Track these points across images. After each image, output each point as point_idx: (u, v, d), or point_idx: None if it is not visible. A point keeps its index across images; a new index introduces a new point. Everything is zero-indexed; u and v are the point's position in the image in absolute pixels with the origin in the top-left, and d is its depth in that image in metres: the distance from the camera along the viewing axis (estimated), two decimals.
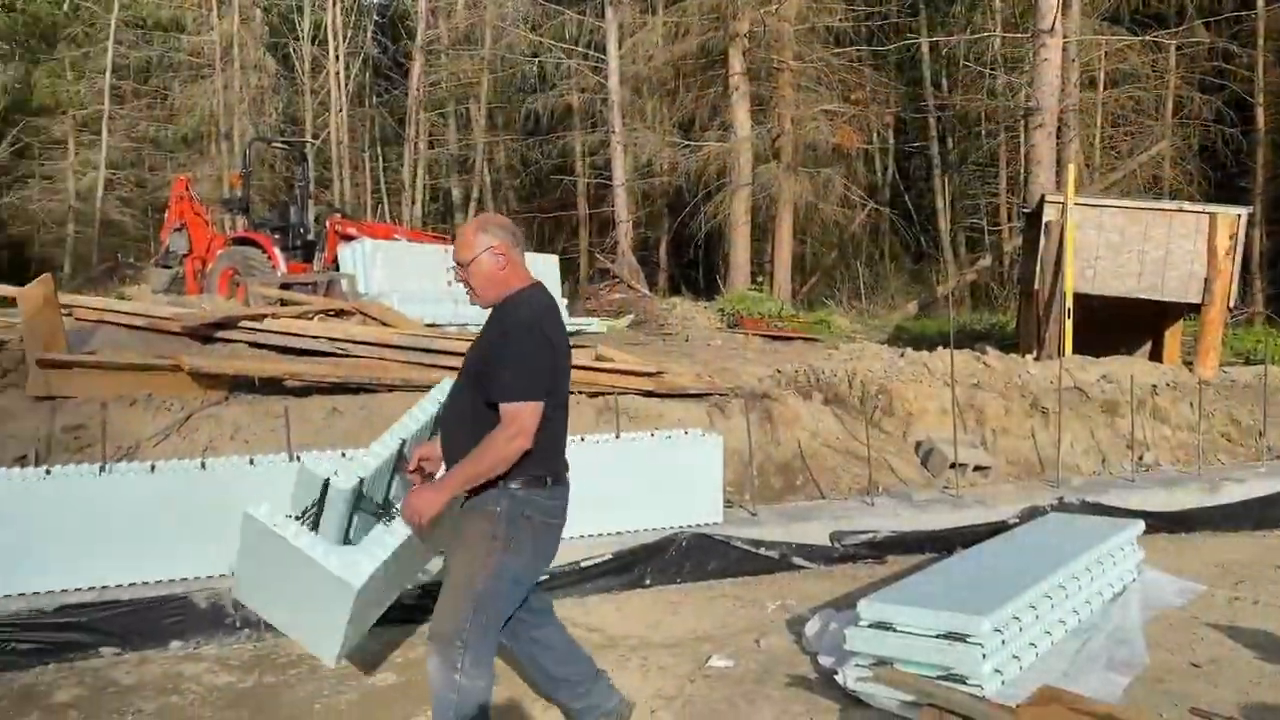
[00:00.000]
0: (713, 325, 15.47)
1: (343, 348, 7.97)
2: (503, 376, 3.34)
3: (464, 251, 3.48)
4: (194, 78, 30.55)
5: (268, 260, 13.63)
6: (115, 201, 31.06)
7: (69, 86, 31.81)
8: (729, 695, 4.49)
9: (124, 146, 31.59)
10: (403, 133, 30.20)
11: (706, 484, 6.38)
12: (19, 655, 4.72)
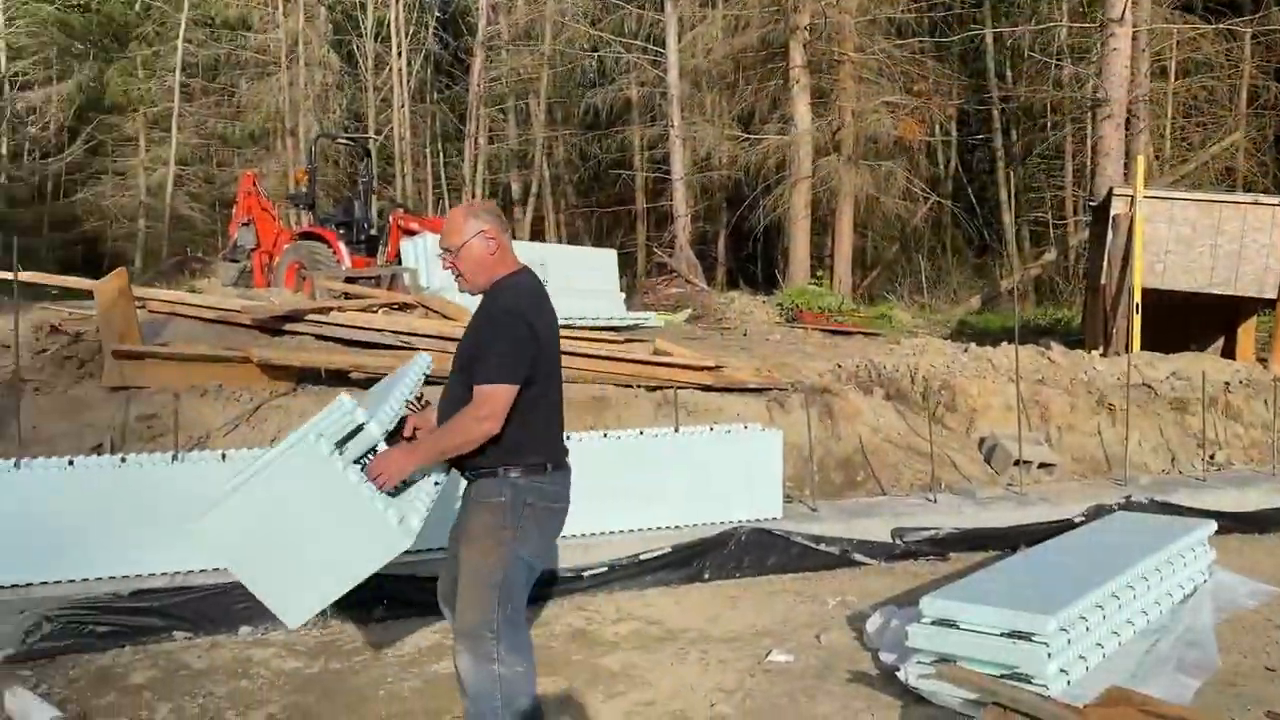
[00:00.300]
0: (771, 320, 15.41)
1: (406, 340, 8.07)
2: (484, 358, 3.39)
3: (454, 236, 3.48)
4: (260, 75, 31.11)
5: (332, 255, 13.86)
6: (184, 197, 31.79)
7: (140, 85, 32.61)
8: (789, 690, 4.48)
9: (193, 143, 32.31)
10: (463, 128, 30.47)
11: (766, 479, 6.37)
12: (97, 638, 4.86)
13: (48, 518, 4.94)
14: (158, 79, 32.48)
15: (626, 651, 4.98)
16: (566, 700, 4.42)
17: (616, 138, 28.05)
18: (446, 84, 33.35)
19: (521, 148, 30.84)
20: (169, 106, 31.71)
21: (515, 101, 30.85)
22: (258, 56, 31.22)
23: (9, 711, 4.21)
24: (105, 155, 32.91)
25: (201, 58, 31.87)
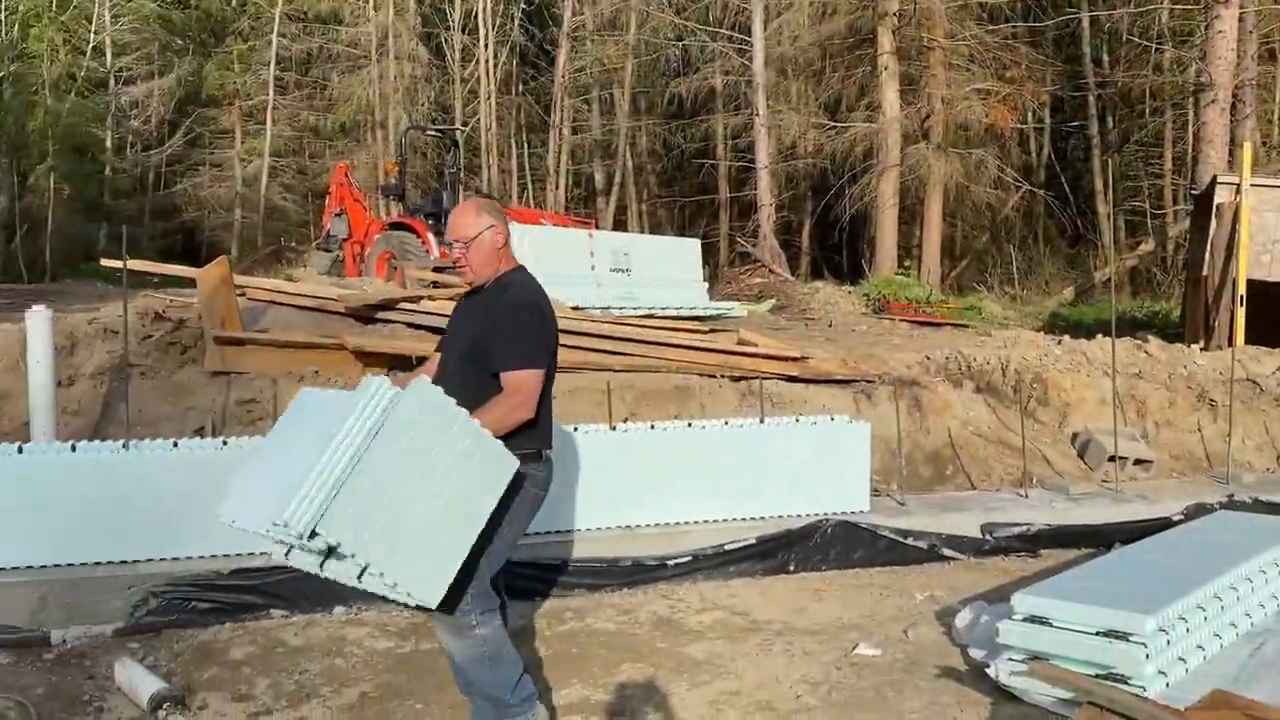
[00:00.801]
0: (857, 310, 15.23)
1: None
2: (507, 347, 3.47)
3: (466, 230, 3.57)
4: (351, 68, 31.75)
5: (421, 245, 14.09)
6: (278, 188, 32.66)
7: (236, 78, 33.57)
8: (876, 684, 4.44)
9: (286, 135, 33.16)
10: (548, 119, 30.69)
11: (854, 471, 6.31)
12: (199, 614, 5.04)
13: (154, 497, 5.13)
14: (253, 73, 33.40)
15: (711, 641, 4.98)
16: (651, 688, 4.45)
17: (700, 127, 27.97)
18: (532, 75, 33.62)
19: (605, 138, 30.94)
20: (264, 99, 32.59)
21: (599, 91, 30.97)
22: (349, 50, 31.86)
23: (119, 682, 4.40)
24: (203, 147, 33.96)
25: (295, 51, 32.67)
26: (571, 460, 5.82)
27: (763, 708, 4.23)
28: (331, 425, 3.16)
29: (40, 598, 4.83)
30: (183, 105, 33.88)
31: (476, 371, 3.53)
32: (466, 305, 3.76)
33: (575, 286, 11.54)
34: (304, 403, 3.57)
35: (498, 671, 3.59)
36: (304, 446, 3.19)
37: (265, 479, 3.29)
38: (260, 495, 3.23)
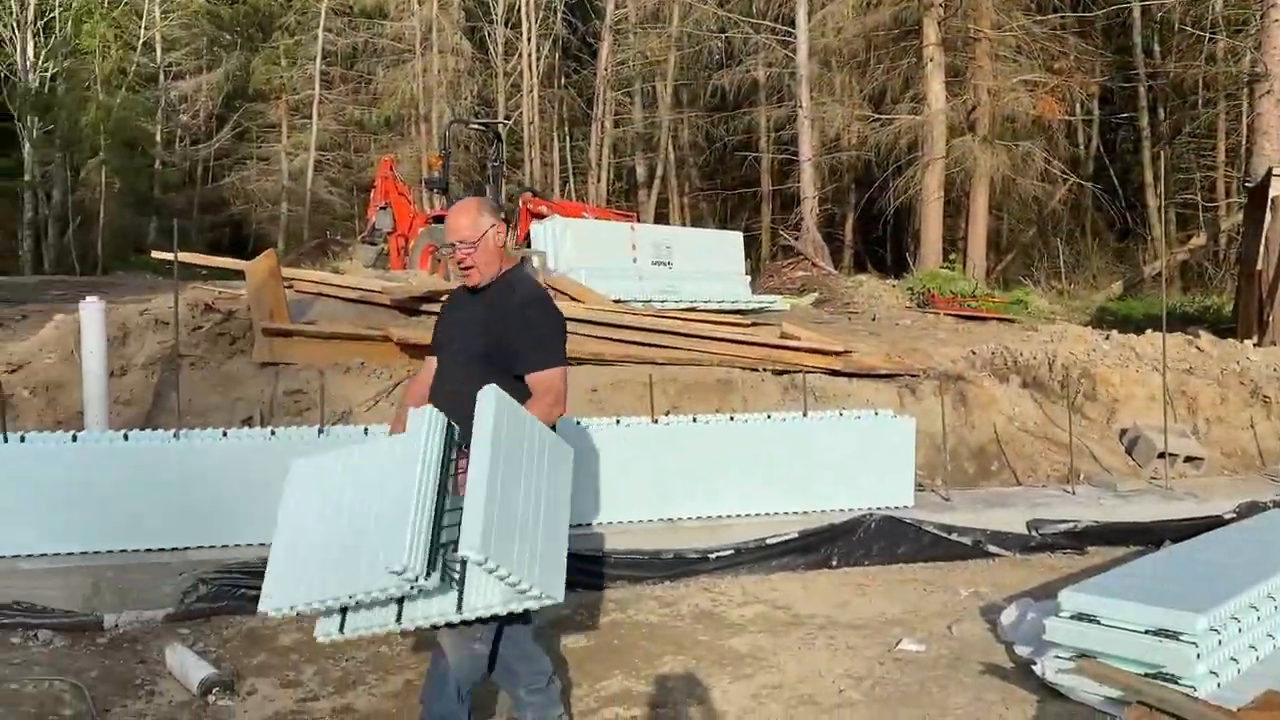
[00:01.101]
0: (901, 304, 15.11)
1: None
2: (535, 348, 3.45)
3: (470, 230, 3.49)
4: (396, 62, 31.98)
5: None
6: (324, 181, 32.98)
7: (283, 73, 33.93)
8: (920, 679, 4.41)
9: (332, 129, 33.48)
10: (590, 112, 30.73)
11: (898, 466, 6.27)
12: (247, 600, 5.09)
13: (203, 486, 5.22)
14: (299, 67, 33.75)
15: (753, 634, 4.98)
16: (693, 680, 4.45)
17: (743, 119, 27.84)
18: (574, 68, 33.66)
19: (647, 131, 30.91)
20: (310, 94, 32.93)
21: (642, 84, 30.93)
22: (393, 44, 32.09)
23: (169, 666, 4.48)
24: (250, 141, 34.37)
25: (340, 46, 32.96)
26: (613, 453, 5.84)
27: (805, 701, 4.22)
28: (393, 468, 3.17)
29: (94, 583, 4.93)
30: (230, 100, 34.30)
31: (495, 373, 3.46)
32: (468, 305, 3.62)
33: (617, 279, 11.55)
34: (313, 474, 3.43)
35: (463, 689, 3.52)
36: (370, 500, 3.19)
37: (325, 552, 3.22)
38: (330, 566, 3.18)
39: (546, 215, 13.51)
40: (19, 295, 13.11)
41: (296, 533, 3.32)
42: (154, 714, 4.09)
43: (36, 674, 4.36)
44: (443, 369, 3.64)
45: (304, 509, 3.35)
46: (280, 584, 3.25)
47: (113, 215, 31.16)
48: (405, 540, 2.99)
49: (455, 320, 3.68)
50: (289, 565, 3.28)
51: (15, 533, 5.03)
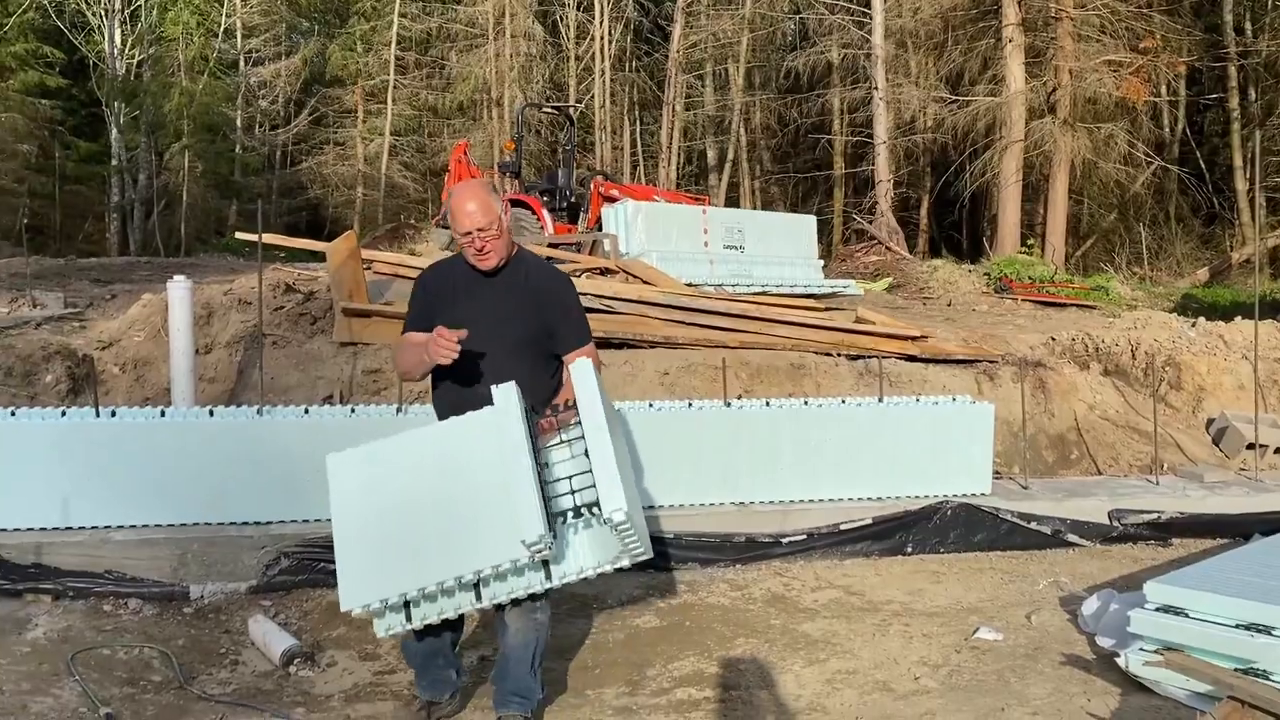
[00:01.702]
0: (977, 290, 14.83)
1: (608, 304, 8.23)
2: (575, 327, 3.65)
3: (487, 215, 3.50)
4: (469, 47, 32.18)
5: (537, 221, 14.25)
6: (398, 166, 33.39)
7: (358, 59, 34.38)
8: (998, 669, 4.34)
9: (406, 114, 33.84)
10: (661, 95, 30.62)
11: (975, 453, 6.16)
12: (328, 574, 5.18)
13: (286, 462, 5.32)
14: (374, 53, 34.16)
15: (827, 620, 4.94)
16: (766, 663, 4.44)
17: (816, 102, 27.50)
18: (646, 51, 33.54)
19: (719, 114, 30.72)
20: (385, 79, 33.32)
21: (714, 67, 30.72)
22: (466, 29, 32.31)
23: (252, 637, 4.60)
24: (327, 127, 34.91)
25: (414, 32, 33.28)
26: (686, 435, 5.84)
27: (880, 688, 4.18)
28: (487, 446, 3.25)
29: (181, 554, 5.07)
30: (308, 85, 34.86)
31: (539, 355, 3.61)
32: (482, 288, 3.60)
33: (688, 263, 11.54)
34: (359, 469, 3.42)
35: (538, 660, 3.67)
36: (464, 481, 3.26)
37: (415, 540, 3.26)
38: (424, 553, 3.23)
39: (618, 199, 13.52)
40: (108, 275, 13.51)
41: (365, 527, 3.34)
42: (238, 683, 4.20)
43: (127, 640, 4.51)
44: (476, 358, 3.55)
45: (365, 502, 3.36)
46: (362, 579, 3.28)
47: (195, 199, 31.93)
48: (536, 510, 3.10)
49: (463, 302, 3.62)
50: (366, 559, 3.31)
51: (107, 505, 5.19)
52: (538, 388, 3.56)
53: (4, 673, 4.10)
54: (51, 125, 31.52)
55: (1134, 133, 23.37)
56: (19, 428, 5.20)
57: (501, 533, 3.14)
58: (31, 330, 7.76)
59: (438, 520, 3.25)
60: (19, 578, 4.90)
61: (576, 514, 3.32)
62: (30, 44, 29.47)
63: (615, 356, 7.60)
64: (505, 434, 3.24)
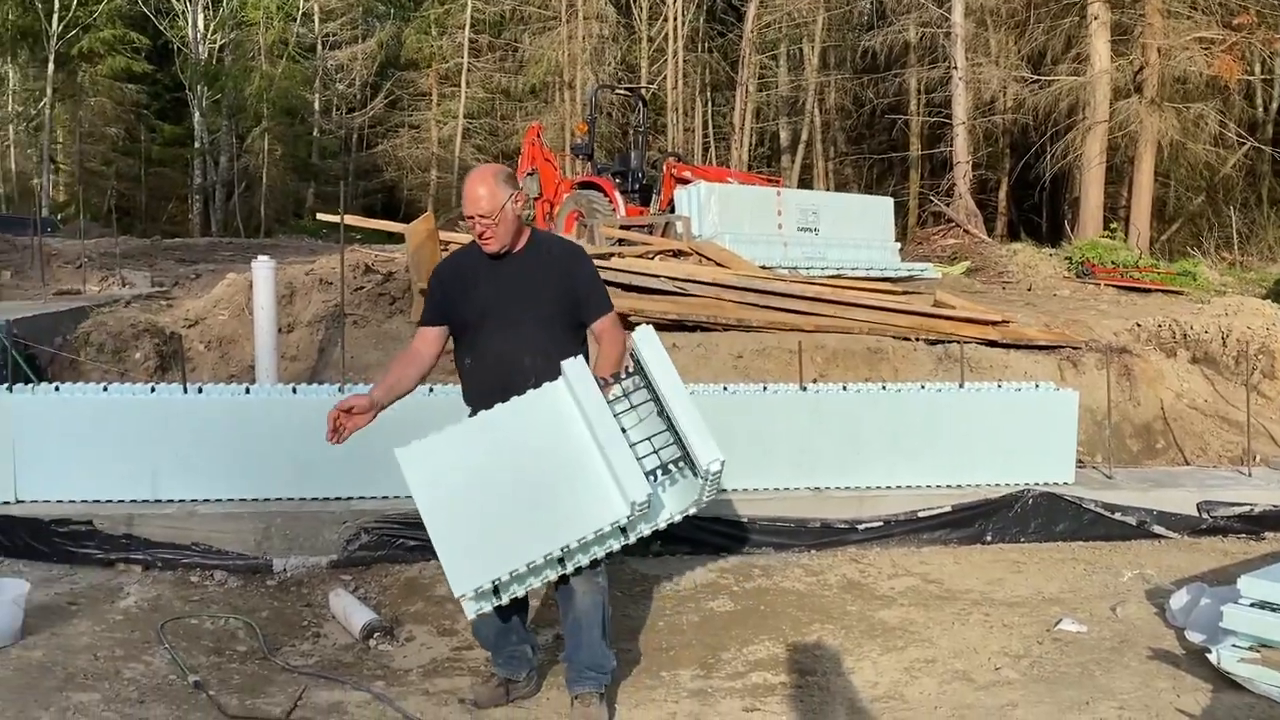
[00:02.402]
0: (1058, 274, 14.46)
1: (682, 286, 8.21)
2: (598, 296, 3.68)
3: (488, 202, 3.52)
4: (541, 30, 32.27)
5: (609, 203, 14.25)
6: (471, 149, 33.66)
7: (433, 42, 34.71)
8: (1082, 661, 4.25)
9: (479, 97, 34.09)
10: (734, 76, 30.38)
11: (1058, 441, 6.02)
12: (405, 550, 5.29)
13: (366, 439, 5.35)
14: (448, 36, 34.45)
15: (904, 607, 4.88)
16: (842, 649, 4.40)
17: (893, 82, 27.04)
18: (719, 31, 33.27)
19: (793, 94, 30.37)
20: (459, 62, 33.59)
21: (788, 47, 30.37)
22: (539, 11, 32.38)
23: (333, 610, 4.69)
24: (402, 110, 35.32)
25: (488, 14, 33.46)
26: (760, 419, 5.80)
27: (960, 677, 4.12)
28: (568, 419, 3.33)
29: (264, 528, 5.19)
30: (383, 69, 35.29)
31: (565, 329, 3.65)
32: (497, 271, 3.64)
33: (761, 245, 11.44)
34: (439, 455, 3.45)
35: (607, 625, 3.73)
36: (555, 454, 3.33)
37: (513, 516, 3.32)
38: (520, 531, 3.30)
39: (691, 180, 13.45)
40: (192, 256, 13.87)
41: (454, 514, 3.37)
42: (319, 655, 4.29)
43: (213, 611, 4.64)
44: (502, 335, 3.63)
45: (449, 490, 3.39)
46: (467, 563, 3.32)
47: (274, 181, 32.59)
48: (638, 470, 3.23)
49: (483, 286, 3.66)
50: (465, 544, 3.34)
51: (194, 479, 5.33)
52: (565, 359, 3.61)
53: (99, 639, 4.24)
54: (137, 109, 32.43)
55: (1225, 113, 22.54)
56: (111, 403, 5.36)
57: (600, 498, 3.24)
58: (121, 308, 7.99)
59: (528, 495, 3.32)
60: (111, 548, 5.07)
61: (664, 471, 3.42)
62: (117, 30, 30.28)
63: (689, 339, 7.58)
64: (586, 403, 3.31)
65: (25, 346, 6.68)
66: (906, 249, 17.03)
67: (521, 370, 3.59)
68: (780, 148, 31.13)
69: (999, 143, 25.99)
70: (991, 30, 24.10)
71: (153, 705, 3.69)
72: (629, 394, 3.46)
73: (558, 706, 3.80)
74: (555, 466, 3.32)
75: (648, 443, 3.39)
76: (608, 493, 3.24)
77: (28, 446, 5.23)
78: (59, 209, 28.26)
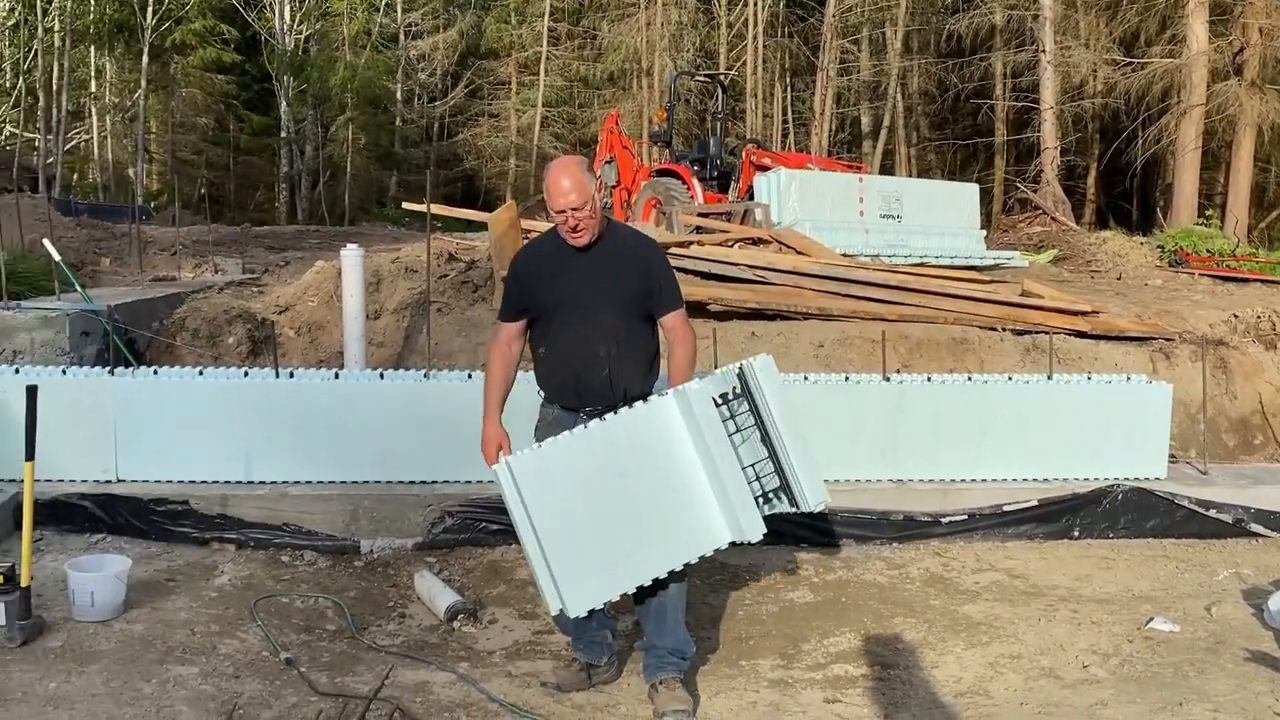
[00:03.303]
0: (1150, 263, 14.03)
1: (761, 275, 8.16)
2: (671, 289, 3.73)
3: (579, 195, 3.53)
4: (620, 17, 32.29)
5: (687, 190, 14.21)
6: (549, 137, 33.90)
7: (513, 31, 34.99)
8: (1174, 661, 4.14)
9: (558, 85, 34.29)
10: (815, 61, 30.03)
11: (1150, 436, 5.87)
12: (488, 534, 5.37)
13: (450, 424, 5.49)
14: (528, 24, 34.69)
15: (989, 602, 4.81)
16: (925, 643, 4.35)
17: (978, 66, 26.46)
18: (800, 15, 32.90)
19: (874, 79, 29.91)
20: (538, 50, 33.81)
21: (870, 31, 29.91)
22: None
23: (417, 591, 4.78)
24: (482, 99, 35.72)
25: (567, 2, 33.62)
26: (842, 410, 5.75)
27: (1046, 674, 4.05)
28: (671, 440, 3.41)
29: (352, 510, 5.31)
30: (464, 58, 35.71)
31: (639, 320, 3.70)
32: (575, 262, 3.65)
33: (842, 233, 11.31)
34: (552, 468, 3.44)
35: (685, 611, 3.79)
36: (665, 474, 3.40)
37: (621, 538, 3.40)
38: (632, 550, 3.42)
39: (770, 167, 13.35)
40: (280, 243, 14.21)
41: (568, 528, 3.39)
42: (405, 635, 4.37)
43: (303, 590, 4.76)
44: (579, 325, 3.66)
45: (561, 501, 3.41)
46: (581, 583, 3.39)
47: (358, 169, 33.21)
48: (756, 510, 3.38)
49: (562, 276, 3.68)
50: (577, 561, 3.38)
51: (285, 461, 5.47)
52: (640, 352, 3.71)
53: (196, 614, 4.39)
54: (227, 100, 33.30)
55: None
56: (207, 386, 5.53)
57: (706, 526, 3.36)
58: (215, 294, 8.23)
59: (639, 515, 3.38)
60: (206, 527, 5.23)
61: (764, 500, 3.48)
62: (208, 22, 31.09)
63: (768, 328, 7.54)
64: (706, 427, 3.38)
65: (125, 331, 6.93)
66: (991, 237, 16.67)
67: (596, 360, 3.64)
68: (861, 133, 30.71)
69: (1088, 128, 25.30)
70: (1081, 12, 23.42)
71: (247, 680, 3.81)
72: (735, 416, 3.49)
73: (638, 692, 3.82)
74: (666, 489, 3.38)
75: (751, 469, 3.45)
76: (714, 521, 3.35)
77: (128, 428, 5.42)
78: (152, 197, 29.18)
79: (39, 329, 6.41)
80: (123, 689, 3.66)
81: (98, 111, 31.41)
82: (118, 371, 5.63)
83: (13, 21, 27.45)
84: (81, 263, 9.50)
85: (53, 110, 26.33)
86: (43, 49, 26.59)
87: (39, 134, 26.50)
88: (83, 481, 5.37)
